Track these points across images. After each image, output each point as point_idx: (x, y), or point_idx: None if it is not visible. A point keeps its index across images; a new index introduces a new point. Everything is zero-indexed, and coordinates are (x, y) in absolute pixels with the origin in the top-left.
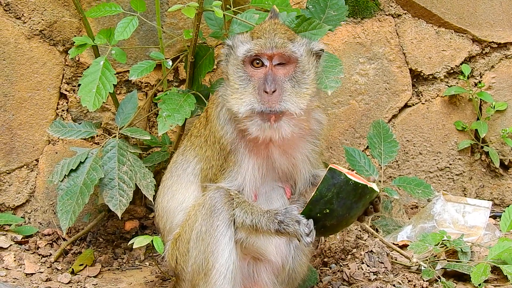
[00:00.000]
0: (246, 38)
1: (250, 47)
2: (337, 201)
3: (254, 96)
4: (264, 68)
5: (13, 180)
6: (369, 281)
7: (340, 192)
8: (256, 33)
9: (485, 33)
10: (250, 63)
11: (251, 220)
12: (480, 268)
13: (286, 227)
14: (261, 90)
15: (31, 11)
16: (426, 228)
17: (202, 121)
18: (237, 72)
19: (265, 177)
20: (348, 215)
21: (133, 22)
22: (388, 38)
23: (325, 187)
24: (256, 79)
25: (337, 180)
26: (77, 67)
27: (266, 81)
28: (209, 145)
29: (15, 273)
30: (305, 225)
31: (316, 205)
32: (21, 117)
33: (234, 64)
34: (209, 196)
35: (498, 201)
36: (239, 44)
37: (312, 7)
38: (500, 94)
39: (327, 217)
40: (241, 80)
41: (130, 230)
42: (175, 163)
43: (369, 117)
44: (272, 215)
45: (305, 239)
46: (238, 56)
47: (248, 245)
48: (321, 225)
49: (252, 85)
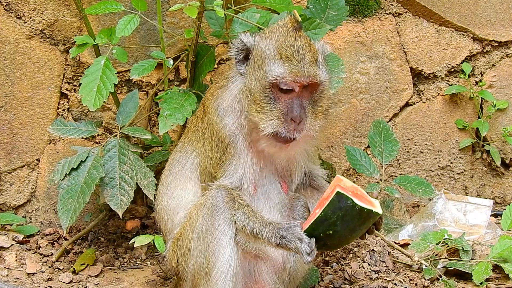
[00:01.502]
0: (273, 54)
1: (282, 73)
2: (341, 224)
3: (281, 121)
4: (292, 93)
5: (14, 179)
6: (371, 280)
7: (345, 216)
8: (284, 50)
9: (485, 31)
10: (279, 88)
11: (252, 228)
12: (481, 266)
13: (288, 243)
14: (288, 116)
15: (32, 11)
16: (428, 226)
17: (199, 115)
18: (264, 91)
19: (263, 170)
20: (350, 236)
21: (134, 20)
22: (388, 37)
23: (330, 209)
24: (282, 102)
25: (343, 204)
26: (78, 66)
27: (294, 109)
28: (206, 137)
29: (16, 272)
30: (307, 243)
31: (320, 225)
32: (22, 117)
33: (260, 80)
34: (210, 196)
35: (499, 199)
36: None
37: (313, 6)
38: (501, 93)
39: (330, 237)
40: (268, 100)
41: (131, 230)
42: (173, 161)
43: (370, 116)
44: (274, 229)
45: (306, 258)
46: (268, 78)
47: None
48: (323, 244)
49: (279, 108)
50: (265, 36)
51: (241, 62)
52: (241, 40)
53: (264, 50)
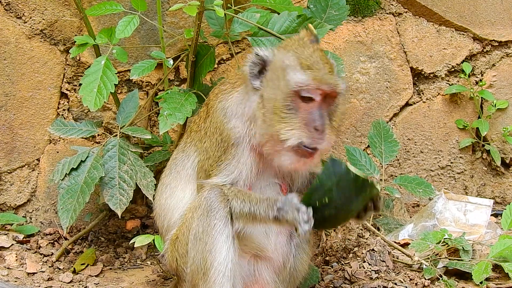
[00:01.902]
0: (294, 63)
1: (306, 80)
2: (337, 191)
3: (303, 131)
4: (313, 103)
5: (14, 179)
6: (371, 279)
7: (340, 182)
8: (304, 60)
9: (486, 31)
10: (300, 96)
11: (249, 207)
12: (481, 266)
13: (285, 214)
14: (310, 126)
15: (32, 11)
16: (428, 226)
17: (202, 115)
18: (285, 100)
19: (263, 172)
20: (346, 207)
21: (134, 20)
22: (389, 37)
23: (325, 175)
24: (303, 112)
25: (338, 169)
26: (78, 66)
27: (316, 118)
28: (208, 136)
29: (16, 272)
30: (304, 212)
31: (315, 193)
32: (22, 117)
33: (282, 90)
34: (204, 197)
35: (500, 199)
36: (286, 68)
37: (313, 6)
38: (501, 93)
39: (326, 207)
40: (288, 109)
41: (132, 229)
42: (175, 160)
43: (370, 116)
44: (271, 202)
45: (303, 226)
46: (290, 86)
47: (247, 242)
48: (320, 216)
49: (300, 118)
50: (282, 49)
51: (255, 77)
52: (257, 53)
53: (284, 60)
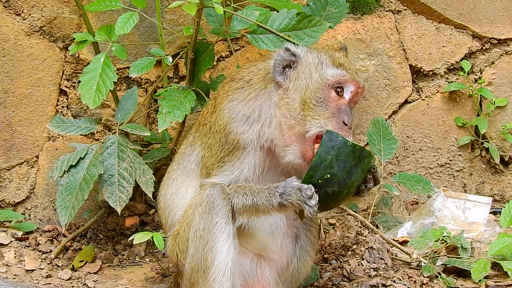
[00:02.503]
0: (327, 61)
1: (341, 73)
2: (337, 165)
3: (331, 121)
4: (342, 99)
5: (13, 176)
6: (369, 277)
7: (339, 155)
8: (337, 59)
9: (485, 29)
10: (334, 89)
11: (252, 199)
12: (480, 264)
13: (288, 197)
14: (339, 119)
15: (31, 8)
16: (426, 224)
17: (210, 109)
18: (317, 91)
19: (267, 171)
20: (349, 181)
21: (133, 17)
22: (388, 34)
23: (324, 150)
24: (333, 106)
25: (335, 142)
26: (77, 63)
27: (347, 113)
28: (212, 133)
29: (15, 269)
30: (306, 189)
31: (316, 170)
32: (21, 114)
33: (315, 83)
34: (206, 194)
35: (498, 197)
36: (319, 64)
37: (313, 4)
38: (500, 90)
39: (329, 183)
40: (318, 102)
41: (130, 227)
42: (183, 155)
43: (369, 113)
44: (272, 189)
45: (309, 203)
46: (326, 78)
47: (251, 240)
48: (324, 193)
49: (330, 111)
50: (313, 49)
51: (279, 73)
52: (288, 49)
53: (317, 57)
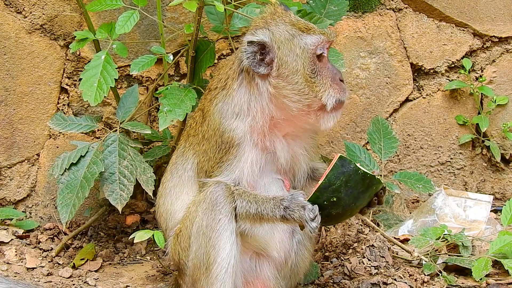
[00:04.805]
0: (294, 32)
1: (317, 38)
2: (345, 190)
3: (335, 88)
4: (324, 58)
5: (14, 174)
6: (370, 275)
7: (349, 181)
8: (298, 25)
9: (486, 27)
10: (317, 56)
11: (256, 208)
12: (481, 262)
13: (292, 212)
14: (336, 80)
15: (32, 6)
16: (427, 222)
17: (198, 120)
18: (309, 65)
19: (265, 169)
20: (354, 205)
21: (134, 16)
22: (389, 33)
23: (334, 175)
24: (324, 70)
25: (346, 168)
26: (78, 61)
27: (335, 71)
28: (206, 139)
29: (16, 267)
30: (310, 210)
31: (324, 192)
32: (22, 112)
33: (300, 58)
34: (210, 191)
35: (499, 195)
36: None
37: (313, 1)
38: (501, 88)
39: (334, 205)
40: (314, 73)
41: (131, 225)
42: (176, 165)
43: (370, 112)
44: (278, 201)
45: (311, 224)
46: (307, 49)
47: (251, 240)
48: (327, 213)
49: (325, 76)
50: (268, 26)
51: (258, 64)
52: (251, 41)
53: (284, 33)
